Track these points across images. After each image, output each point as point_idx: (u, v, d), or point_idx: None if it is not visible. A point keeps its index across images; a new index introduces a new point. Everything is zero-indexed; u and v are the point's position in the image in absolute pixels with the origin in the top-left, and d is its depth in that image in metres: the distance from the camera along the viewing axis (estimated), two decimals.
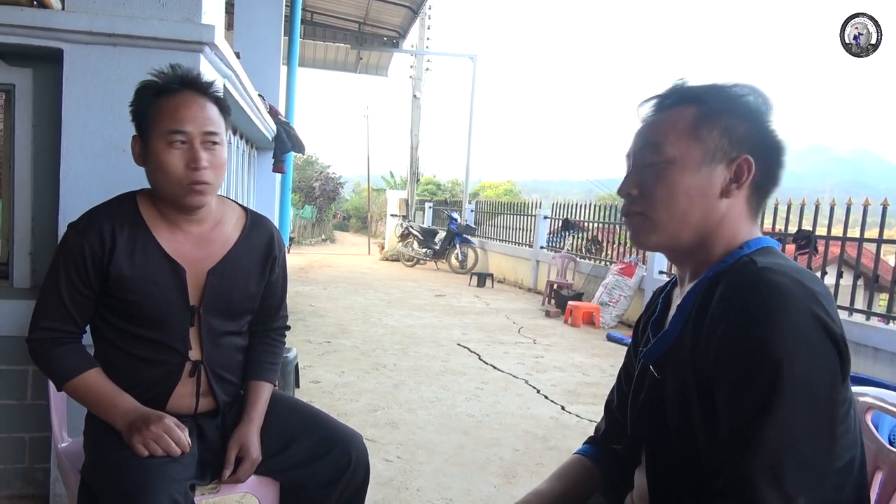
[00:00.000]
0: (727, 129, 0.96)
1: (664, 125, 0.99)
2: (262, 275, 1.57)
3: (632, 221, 1.02)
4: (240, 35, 5.31)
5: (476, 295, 9.33)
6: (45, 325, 1.41)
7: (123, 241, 1.40)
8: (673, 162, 0.97)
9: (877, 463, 1.14)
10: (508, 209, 12.73)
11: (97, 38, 2.01)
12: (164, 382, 1.46)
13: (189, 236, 1.47)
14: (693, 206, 0.96)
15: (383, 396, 3.92)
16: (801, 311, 0.81)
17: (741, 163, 0.96)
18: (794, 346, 0.80)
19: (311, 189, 26.10)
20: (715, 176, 0.96)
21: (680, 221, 0.97)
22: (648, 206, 0.99)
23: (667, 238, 0.99)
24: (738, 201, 0.98)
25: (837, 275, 5.13)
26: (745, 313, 0.83)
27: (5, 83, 2.12)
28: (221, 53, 2.18)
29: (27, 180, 2.15)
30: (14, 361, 2.13)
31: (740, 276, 0.87)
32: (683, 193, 0.96)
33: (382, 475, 2.71)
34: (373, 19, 12.24)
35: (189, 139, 1.37)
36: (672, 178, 0.96)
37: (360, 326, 6.22)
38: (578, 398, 4.17)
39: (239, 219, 1.57)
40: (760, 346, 0.81)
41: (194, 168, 1.36)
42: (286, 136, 4.50)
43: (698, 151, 0.96)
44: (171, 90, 1.39)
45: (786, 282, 0.83)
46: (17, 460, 2.19)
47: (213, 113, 1.42)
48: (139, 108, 1.42)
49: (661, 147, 0.97)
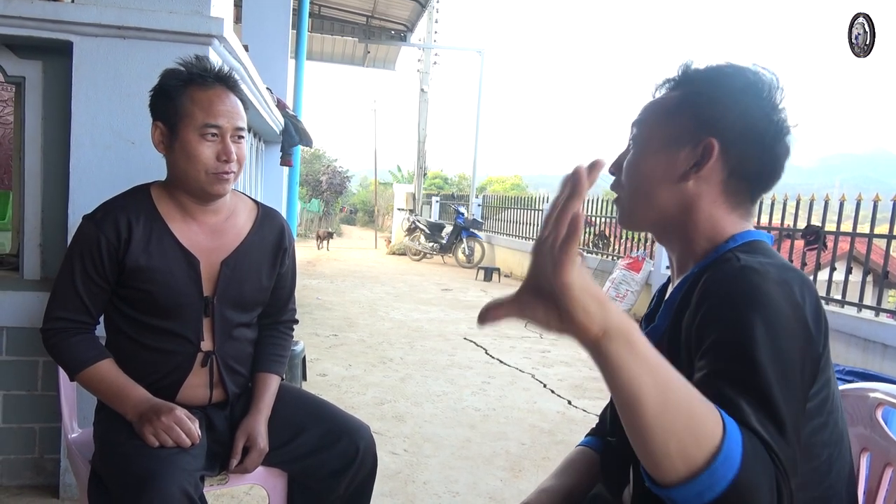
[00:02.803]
0: (697, 111, 0.92)
1: (646, 110, 1.00)
2: (274, 267, 1.59)
3: (616, 203, 1.04)
4: (248, 28, 5.31)
5: (483, 289, 9.33)
6: (59, 314, 1.42)
7: (139, 232, 1.41)
8: (638, 144, 0.98)
9: (887, 459, 1.13)
10: (515, 203, 12.70)
11: (106, 31, 2.01)
12: (176, 373, 1.47)
13: (203, 227, 1.49)
14: (654, 189, 0.96)
15: (390, 390, 3.93)
16: (776, 301, 0.79)
17: (705, 145, 0.91)
18: (767, 318, 0.77)
19: (318, 183, 26.12)
20: (678, 159, 0.93)
21: (644, 204, 0.98)
22: (620, 187, 1.01)
23: (637, 221, 1.01)
24: (709, 188, 0.93)
25: (846, 271, 5.09)
26: (721, 301, 0.81)
27: (16, 75, 2.12)
28: (230, 46, 2.19)
29: (37, 172, 2.16)
30: (24, 352, 2.14)
31: (720, 271, 0.85)
32: (644, 175, 0.97)
33: (389, 468, 2.72)
34: (381, 13, 12.22)
35: (221, 133, 1.40)
36: (635, 160, 0.98)
37: (366, 320, 6.23)
38: (585, 393, 4.17)
39: (251, 211, 1.59)
40: (734, 322, 0.78)
41: (225, 160, 1.40)
42: (294, 129, 4.50)
43: (663, 134, 0.95)
44: (205, 83, 1.41)
45: (765, 285, 0.79)
46: (27, 450, 2.21)
47: (241, 108, 1.45)
48: (166, 94, 1.41)
49: (633, 130, 1.00)
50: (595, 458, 1.23)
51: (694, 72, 0.97)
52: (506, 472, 2.80)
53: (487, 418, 3.51)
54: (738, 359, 0.76)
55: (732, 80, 0.93)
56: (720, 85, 0.93)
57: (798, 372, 0.78)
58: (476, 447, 3.06)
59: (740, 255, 0.86)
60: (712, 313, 0.81)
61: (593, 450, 1.24)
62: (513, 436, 3.25)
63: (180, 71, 1.42)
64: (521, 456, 2.99)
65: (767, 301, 0.78)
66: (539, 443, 3.18)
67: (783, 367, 0.76)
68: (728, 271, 0.84)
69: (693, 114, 0.93)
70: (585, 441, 1.27)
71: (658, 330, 0.98)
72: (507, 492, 2.59)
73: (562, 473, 1.21)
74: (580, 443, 1.28)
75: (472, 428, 3.33)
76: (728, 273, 0.83)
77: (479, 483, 2.67)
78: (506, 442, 3.16)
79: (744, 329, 0.77)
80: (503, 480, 2.71)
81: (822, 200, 5.37)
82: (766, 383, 0.73)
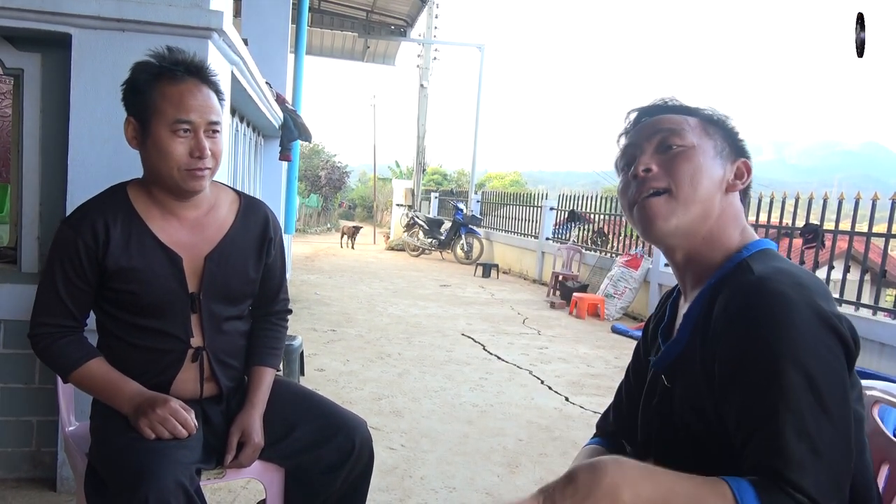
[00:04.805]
0: (725, 136, 1.03)
1: (677, 119, 1.03)
2: (260, 258, 1.57)
3: (650, 203, 0.99)
4: (248, 22, 5.30)
5: (481, 285, 9.34)
6: (43, 320, 1.41)
7: (118, 233, 1.40)
8: (695, 147, 1.00)
9: (883, 456, 1.14)
10: (514, 200, 12.70)
11: (105, 23, 2.01)
12: (167, 371, 1.46)
13: (184, 222, 1.47)
14: (711, 190, 0.99)
15: (388, 385, 3.93)
16: (802, 312, 0.83)
17: (740, 165, 1.02)
18: (798, 346, 0.81)
19: (317, 178, 26.10)
20: (725, 170, 1.01)
21: (702, 203, 0.98)
22: (675, 182, 0.98)
23: (687, 222, 0.98)
24: (734, 201, 1.02)
25: (844, 269, 5.10)
26: (749, 322, 0.85)
27: (14, 68, 2.12)
28: (230, 40, 2.18)
29: (35, 165, 2.15)
30: (22, 345, 2.14)
31: (739, 287, 0.89)
32: (707, 175, 0.98)
33: (386, 463, 2.73)
34: (381, 8, 12.19)
35: (194, 128, 1.37)
36: (697, 160, 0.99)
37: (365, 315, 6.23)
38: (582, 389, 4.17)
39: (232, 203, 1.56)
40: (766, 349, 0.82)
41: (198, 157, 1.37)
42: (293, 124, 4.50)
43: (711, 145, 1.01)
44: (175, 77, 1.37)
45: (784, 289, 0.84)
46: (24, 443, 2.21)
47: (214, 101, 1.42)
48: (137, 89, 1.38)
49: (683, 133, 1.00)
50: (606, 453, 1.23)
51: (692, 107, 1.05)
52: (503, 467, 2.80)
53: (485, 414, 3.52)
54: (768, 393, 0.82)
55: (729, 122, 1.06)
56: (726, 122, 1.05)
57: (839, 384, 0.82)
58: (473, 443, 3.07)
59: (754, 266, 0.91)
60: (739, 344, 0.86)
61: (605, 448, 1.25)
62: (510, 432, 3.26)
63: (151, 63, 1.38)
64: (519, 452, 2.99)
65: (794, 311, 0.83)
66: (536, 439, 3.19)
67: (819, 386, 0.81)
68: (746, 285, 0.88)
69: (724, 137, 1.03)
70: (595, 441, 1.28)
71: (679, 343, 1.00)
72: (503, 487, 2.60)
73: None
74: (591, 442, 1.29)
75: (469, 424, 3.34)
76: (747, 287, 0.88)
77: (476, 478, 2.67)
78: (503, 438, 3.16)
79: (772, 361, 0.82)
80: (500, 476, 2.71)
81: (821, 199, 5.37)
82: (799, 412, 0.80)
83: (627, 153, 1.06)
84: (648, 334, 1.20)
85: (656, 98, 1.09)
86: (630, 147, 1.05)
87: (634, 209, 1.01)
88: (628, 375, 1.26)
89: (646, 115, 1.07)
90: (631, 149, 1.05)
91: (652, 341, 1.17)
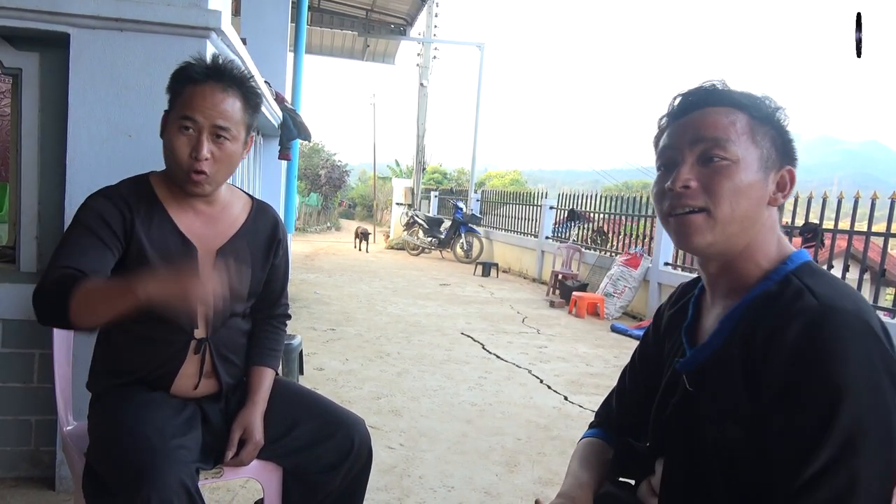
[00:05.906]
0: (774, 138, 0.96)
1: (723, 122, 0.95)
2: (267, 258, 1.61)
3: (687, 219, 0.95)
4: (247, 21, 5.29)
5: (481, 284, 9.34)
6: (57, 267, 1.28)
7: (141, 217, 1.43)
8: (739, 162, 0.94)
9: None
10: (514, 199, 12.70)
11: (104, 23, 2.01)
12: (170, 362, 1.47)
13: (200, 215, 1.51)
14: (752, 210, 0.95)
15: (387, 384, 3.93)
16: (866, 351, 0.82)
17: (784, 174, 0.97)
18: (857, 381, 0.80)
19: (316, 177, 26.09)
20: (768, 182, 0.96)
21: (740, 223, 0.94)
22: (713, 202, 0.93)
23: (724, 239, 0.95)
24: (772, 213, 0.98)
25: (844, 268, 5.10)
26: (814, 354, 0.83)
27: (12, 67, 2.12)
28: (228, 39, 2.18)
29: (34, 164, 2.15)
30: (21, 345, 2.15)
31: (802, 312, 0.86)
32: (746, 195, 0.94)
33: (385, 462, 2.73)
34: (380, 6, 12.18)
35: (198, 128, 1.39)
36: (739, 177, 0.93)
37: (364, 314, 6.24)
38: (581, 388, 4.18)
39: (245, 205, 1.61)
40: (823, 378, 0.81)
41: (195, 157, 1.38)
42: (292, 123, 4.49)
43: (756, 155, 0.95)
44: (196, 78, 1.41)
45: (851, 321, 0.83)
46: (23, 443, 2.22)
47: (230, 107, 1.41)
48: (168, 86, 1.45)
49: (728, 145, 0.94)
50: (606, 448, 1.24)
51: (744, 95, 0.98)
52: (501, 466, 2.81)
53: (484, 413, 3.52)
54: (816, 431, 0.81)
55: (781, 113, 0.98)
56: (777, 116, 0.98)
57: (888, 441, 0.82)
58: (472, 442, 3.07)
59: (815, 289, 0.88)
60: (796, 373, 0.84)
61: (606, 443, 1.25)
62: (509, 431, 3.26)
63: (189, 64, 1.43)
64: (517, 451, 3.00)
65: (858, 347, 0.82)
66: (535, 438, 3.19)
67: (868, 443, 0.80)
68: (810, 310, 0.85)
69: (772, 141, 0.96)
70: (593, 433, 1.28)
71: (709, 348, 0.98)
72: (502, 486, 2.60)
73: (588, 466, 1.21)
74: (589, 433, 1.28)
75: (468, 423, 3.34)
76: (811, 312, 0.85)
77: (474, 477, 2.67)
78: (502, 437, 3.17)
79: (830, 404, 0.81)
80: (499, 475, 2.72)
81: (821, 198, 5.37)
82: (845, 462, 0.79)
83: (666, 154, 1.00)
84: (662, 326, 1.17)
85: (704, 81, 1.01)
86: (669, 150, 0.99)
87: (670, 220, 0.98)
88: (634, 363, 1.25)
89: (691, 106, 0.99)
90: (670, 151, 0.99)
91: (666, 334, 1.15)
